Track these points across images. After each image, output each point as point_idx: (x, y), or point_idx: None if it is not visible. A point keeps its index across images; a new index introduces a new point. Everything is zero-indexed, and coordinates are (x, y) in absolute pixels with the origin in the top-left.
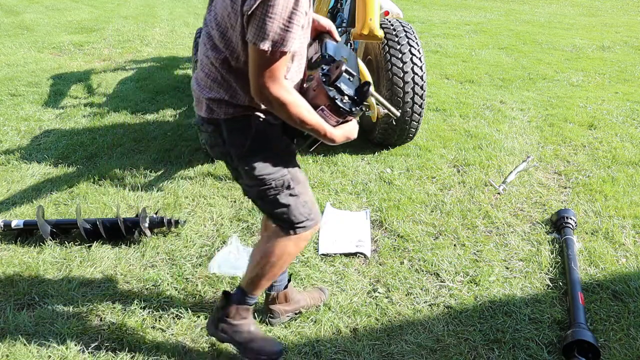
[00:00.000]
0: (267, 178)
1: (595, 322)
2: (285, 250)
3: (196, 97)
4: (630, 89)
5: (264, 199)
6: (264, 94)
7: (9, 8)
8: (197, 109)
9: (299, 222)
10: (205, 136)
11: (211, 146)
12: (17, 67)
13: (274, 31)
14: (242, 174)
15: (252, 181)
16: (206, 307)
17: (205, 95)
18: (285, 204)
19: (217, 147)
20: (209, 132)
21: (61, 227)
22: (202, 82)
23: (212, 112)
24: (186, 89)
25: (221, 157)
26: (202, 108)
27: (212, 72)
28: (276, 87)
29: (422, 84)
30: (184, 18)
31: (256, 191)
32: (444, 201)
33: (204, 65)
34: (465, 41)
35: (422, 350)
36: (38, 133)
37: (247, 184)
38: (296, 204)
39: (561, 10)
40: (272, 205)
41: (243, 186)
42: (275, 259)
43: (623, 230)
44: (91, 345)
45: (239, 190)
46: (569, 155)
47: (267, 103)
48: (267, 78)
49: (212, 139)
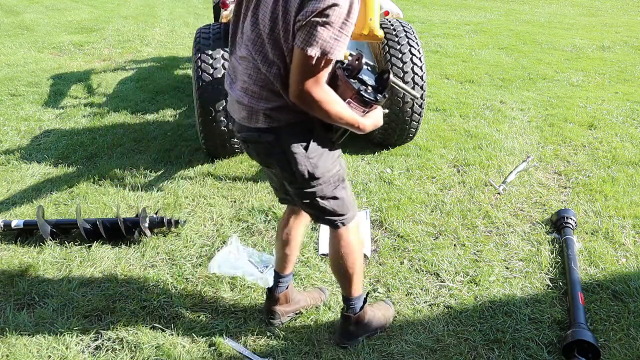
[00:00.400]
0: (327, 175)
1: (595, 322)
2: (352, 241)
3: (248, 110)
4: (630, 89)
5: (323, 197)
6: (306, 98)
7: (9, 8)
8: (248, 122)
9: (347, 214)
10: (260, 147)
11: (267, 155)
12: (17, 67)
13: (324, 39)
14: (299, 178)
15: (313, 181)
16: (206, 307)
17: (262, 107)
18: (340, 197)
19: (274, 156)
20: (268, 141)
21: (61, 227)
22: (257, 94)
23: (272, 120)
24: (186, 89)
25: (275, 165)
26: (259, 119)
27: (267, 83)
28: (318, 91)
29: (422, 84)
30: (184, 18)
31: (314, 191)
32: (444, 201)
33: (256, 79)
34: (465, 41)
35: (422, 350)
36: (38, 133)
37: (303, 187)
38: (348, 195)
39: (561, 10)
40: (328, 202)
41: (296, 191)
42: (354, 254)
43: (623, 230)
44: (91, 345)
45: (239, 190)
46: (569, 155)
47: (308, 105)
48: (312, 83)
49: (268, 149)
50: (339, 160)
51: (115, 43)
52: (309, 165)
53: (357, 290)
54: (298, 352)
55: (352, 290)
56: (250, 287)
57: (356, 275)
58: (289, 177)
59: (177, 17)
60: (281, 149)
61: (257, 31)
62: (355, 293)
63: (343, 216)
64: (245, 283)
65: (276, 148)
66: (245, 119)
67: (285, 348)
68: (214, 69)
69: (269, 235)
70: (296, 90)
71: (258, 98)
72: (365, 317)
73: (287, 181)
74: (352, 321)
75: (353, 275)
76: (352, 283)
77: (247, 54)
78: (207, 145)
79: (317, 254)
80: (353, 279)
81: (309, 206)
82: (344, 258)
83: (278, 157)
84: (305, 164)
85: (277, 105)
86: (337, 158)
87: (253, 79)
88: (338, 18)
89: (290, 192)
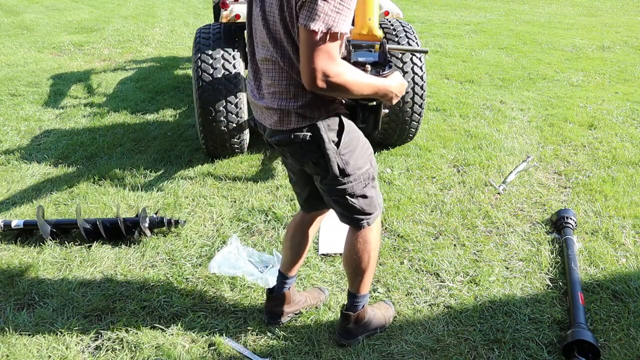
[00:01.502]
0: (357, 173)
1: (595, 322)
2: (372, 239)
3: (279, 113)
4: (630, 89)
5: (353, 195)
6: (322, 77)
7: (9, 8)
8: (281, 126)
9: (373, 213)
10: (295, 148)
11: (302, 155)
12: (17, 67)
13: (325, 13)
14: (331, 175)
15: (344, 178)
16: (206, 307)
17: (293, 106)
18: (369, 196)
19: (309, 154)
20: (304, 140)
21: (61, 227)
22: (284, 94)
23: (305, 119)
24: (186, 89)
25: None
26: (291, 120)
27: (291, 79)
28: (333, 66)
29: (422, 84)
30: (184, 18)
31: (345, 188)
32: (444, 201)
33: (280, 78)
34: (465, 41)
35: (422, 350)
36: (38, 133)
37: (333, 183)
38: (376, 194)
39: (561, 10)
40: (357, 200)
41: (327, 187)
42: (370, 252)
43: (623, 230)
44: (91, 345)
45: (239, 190)
46: (569, 155)
47: (326, 85)
48: (325, 60)
49: (304, 147)
50: (371, 159)
51: (115, 43)
52: (340, 161)
53: (365, 289)
54: (298, 352)
55: (361, 287)
56: (250, 287)
57: (368, 273)
58: (322, 173)
59: (177, 17)
60: (316, 145)
61: (267, 27)
62: (363, 291)
63: (369, 215)
64: (245, 283)
65: (312, 145)
66: (277, 123)
67: (285, 348)
68: (214, 69)
69: (269, 235)
70: (309, 73)
71: (287, 98)
72: (365, 316)
73: (319, 177)
74: (352, 319)
75: (365, 272)
76: (362, 280)
77: (265, 53)
78: (207, 145)
79: (317, 254)
80: (364, 276)
81: (338, 203)
82: (360, 254)
83: (314, 154)
84: (337, 160)
85: (307, 101)
86: (369, 156)
87: (277, 79)
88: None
89: (321, 190)
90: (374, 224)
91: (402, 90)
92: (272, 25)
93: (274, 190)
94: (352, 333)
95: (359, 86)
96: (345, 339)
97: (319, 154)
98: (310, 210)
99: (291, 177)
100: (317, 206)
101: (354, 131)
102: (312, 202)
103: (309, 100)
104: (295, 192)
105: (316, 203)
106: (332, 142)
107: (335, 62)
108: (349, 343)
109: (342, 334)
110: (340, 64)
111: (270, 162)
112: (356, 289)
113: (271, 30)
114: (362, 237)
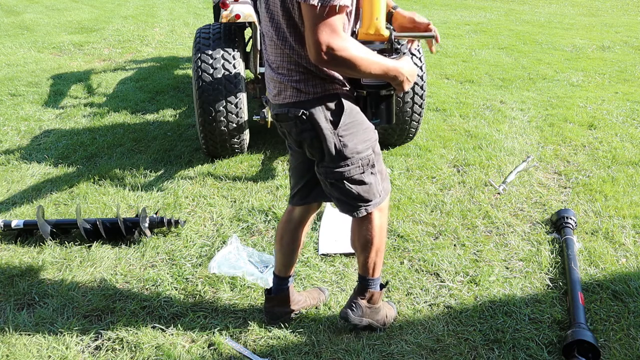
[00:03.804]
0: (356, 157)
1: (595, 322)
2: (375, 226)
3: (278, 85)
4: (630, 89)
5: (350, 180)
6: (327, 52)
7: (9, 8)
8: (278, 99)
9: (372, 200)
10: (291, 124)
11: (298, 133)
12: (17, 67)
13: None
14: (327, 156)
15: (341, 161)
16: (206, 307)
17: (289, 80)
18: (367, 182)
19: (305, 133)
20: (297, 116)
21: (61, 227)
22: (283, 69)
23: (300, 93)
24: (186, 89)
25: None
26: (287, 94)
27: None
28: (337, 40)
29: (422, 84)
30: (184, 18)
31: (342, 172)
32: (444, 201)
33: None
34: (465, 41)
35: (422, 350)
36: (38, 133)
37: (331, 166)
38: (376, 182)
39: (561, 10)
40: (355, 186)
41: (323, 170)
42: (375, 238)
43: (623, 230)
44: (91, 345)
45: (239, 190)
46: (569, 155)
47: (332, 60)
48: (328, 34)
49: (298, 125)
50: (374, 145)
51: (115, 43)
52: (337, 142)
53: (375, 273)
54: (298, 352)
55: (369, 270)
56: (250, 287)
57: (372, 257)
58: (318, 155)
59: (177, 17)
60: (311, 124)
61: (267, 2)
62: (372, 274)
63: (367, 203)
64: (245, 283)
65: (306, 123)
66: (276, 96)
67: (285, 348)
68: (214, 69)
69: (269, 235)
70: (314, 46)
71: (282, 73)
72: (378, 302)
73: (317, 159)
74: (367, 296)
75: (369, 256)
76: (368, 262)
77: (264, 28)
78: (207, 145)
79: (317, 254)
80: (369, 259)
81: (334, 187)
82: (363, 239)
83: (309, 133)
84: (334, 140)
85: (301, 77)
86: (372, 142)
87: (273, 54)
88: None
89: (319, 175)
90: (376, 210)
91: (414, 75)
92: (272, 6)
93: (274, 190)
94: (359, 310)
95: (367, 63)
96: (351, 312)
97: (314, 134)
98: (299, 202)
99: (292, 163)
100: (307, 198)
101: (357, 114)
102: (304, 193)
103: (304, 77)
104: (292, 181)
105: (307, 195)
106: (329, 121)
107: (339, 35)
108: (352, 320)
109: (349, 306)
110: (345, 39)
111: (270, 162)
112: (365, 271)
113: (270, 6)
114: (363, 223)
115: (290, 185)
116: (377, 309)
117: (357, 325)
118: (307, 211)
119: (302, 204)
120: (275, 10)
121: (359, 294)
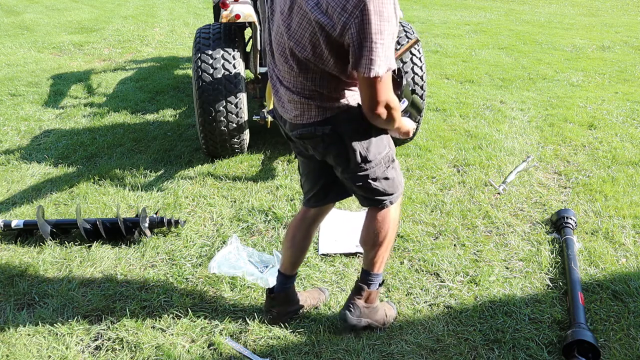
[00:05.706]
0: (378, 158)
1: (595, 322)
2: (391, 218)
3: (300, 107)
4: (630, 89)
5: (375, 179)
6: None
7: (9, 8)
8: (301, 119)
9: (395, 192)
10: (317, 141)
11: (325, 147)
12: (17, 67)
13: (384, 55)
14: (353, 164)
15: (366, 164)
16: (206, 307)
17: (312, 102)
18: (390, 177)
19: (332, 146)
20: (325, 133)
21: (61, 227)
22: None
23: (326, 111)
24: (186, 89)
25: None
26: (312, 114)
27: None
28: (394, 98)
29: (422, 84)
30: (184, 18)
31: (367, 174)
32: (444, 201)
33: (295, 83)
34: (465, 41)
35: (422, 350)
36: (38, 133)
37: (356, 171)
38: (397, 175)
39: (561, 10)
40: (380, 183)
41: (349, 176)
42: (388, 231)
43: (623, 230)
44: (91, 345)
45: (239, 190)
46: (569, 155)
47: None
48: (387, 91)
49: (326, 140)
50: (389, 141)
51: (115, 43)
52: (362, 149)
53: (379, 268)
54: (298, 352)
55: (375, 265)
56: (250, 287)
57: (382, 251)
58: (344, 164)
59: (177, 17)
60: (339, 137)
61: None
62: (377, 270)
63: (392, 195)
64: (245, 283)
65: (334, 137)
66: (298, 117)
67: (285, 348)
68: (214, 69)
69: (269, 235)
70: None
71: (308, 95)
72: (375, 301)
73: (341, 167)
74: (364, 295)
75: (379, 249)
76: (376, 257)
77: (283, 60)
78: (207, 145)
79: (317, 254)
80: (378, 253)
81: (361, 189)
82: (377, 232)
83: (336, 146)
84: (359, 149)
85: (326, 97)
86: (388, 139)
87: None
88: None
89: (344, 180)
90: (395, 202)
91: (409, 132)
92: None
93: (274, 190)
94: (358, 310)
95: (399, 120)
96: (349, 312)
97: (342, 146)
98: (315, 205)
99: (304, 170)
100: (324, 200)
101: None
102: (320, 196)
103: (326, 97)
104: (306, 186)
105: (324, 197)
106: (354, 131)
107: (392, 99)
108: (350, 321)
109: (347, 307)
110: (394, 100)
111: (270, 162)
112: (370, 266)
113: (295, 50)
114: (382, 215)
115: (303, 190)
116: (375, 309)
117: (356, 326)
118: (323, 211)
119: (318, 205)
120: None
121: (356, 294)
